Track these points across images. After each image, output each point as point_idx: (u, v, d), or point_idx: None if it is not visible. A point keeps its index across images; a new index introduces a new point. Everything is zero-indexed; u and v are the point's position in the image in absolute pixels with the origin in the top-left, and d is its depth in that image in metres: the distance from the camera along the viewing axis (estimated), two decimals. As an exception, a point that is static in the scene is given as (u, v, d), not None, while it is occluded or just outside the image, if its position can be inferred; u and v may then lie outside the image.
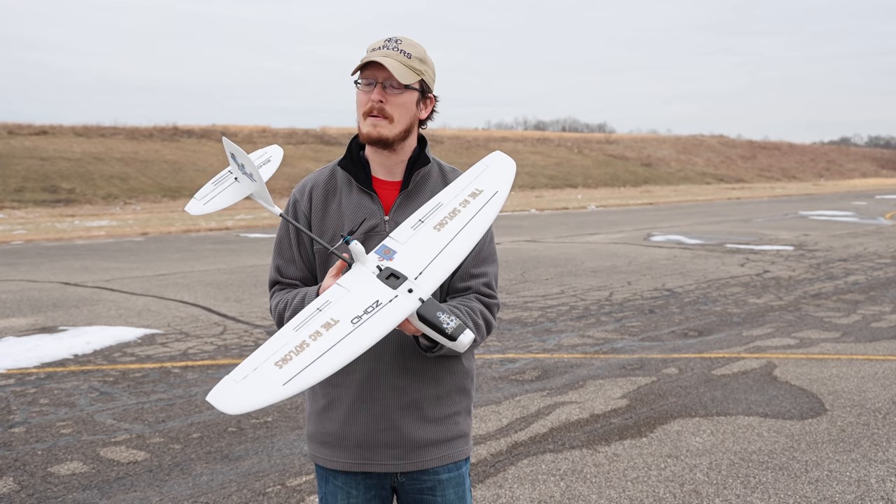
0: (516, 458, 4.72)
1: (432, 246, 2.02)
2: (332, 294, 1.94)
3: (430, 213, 2.08)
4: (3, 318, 8.94)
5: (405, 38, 2.21)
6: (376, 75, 2.16)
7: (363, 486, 2.28)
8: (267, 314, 9.07)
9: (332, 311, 1.90)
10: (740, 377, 6.39)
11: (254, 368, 1.80)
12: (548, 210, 30.39)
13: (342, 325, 1.87)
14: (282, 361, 1.80)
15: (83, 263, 14.04)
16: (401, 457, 2.23)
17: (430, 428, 2.24)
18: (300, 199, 2.30)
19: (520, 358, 7.06)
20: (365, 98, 2.18)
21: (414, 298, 1.93)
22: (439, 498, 2.28)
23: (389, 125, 2.18)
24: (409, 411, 2.22)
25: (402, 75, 2.14)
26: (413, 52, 2.18)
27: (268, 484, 4.38)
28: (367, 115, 2.17)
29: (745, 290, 10.60)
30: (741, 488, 4.29)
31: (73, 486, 4.34)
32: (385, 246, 2.03)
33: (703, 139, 74.81)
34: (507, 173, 2.18)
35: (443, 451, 2.27)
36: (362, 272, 1.98)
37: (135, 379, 6.42)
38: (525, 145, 57.98)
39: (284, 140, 46.33)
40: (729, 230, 19.98)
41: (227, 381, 1.78)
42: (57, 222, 24.08)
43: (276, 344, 1.84)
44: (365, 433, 2.22)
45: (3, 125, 38.22)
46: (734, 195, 42.25)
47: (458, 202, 2.10)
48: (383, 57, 2.14)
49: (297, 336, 1.85)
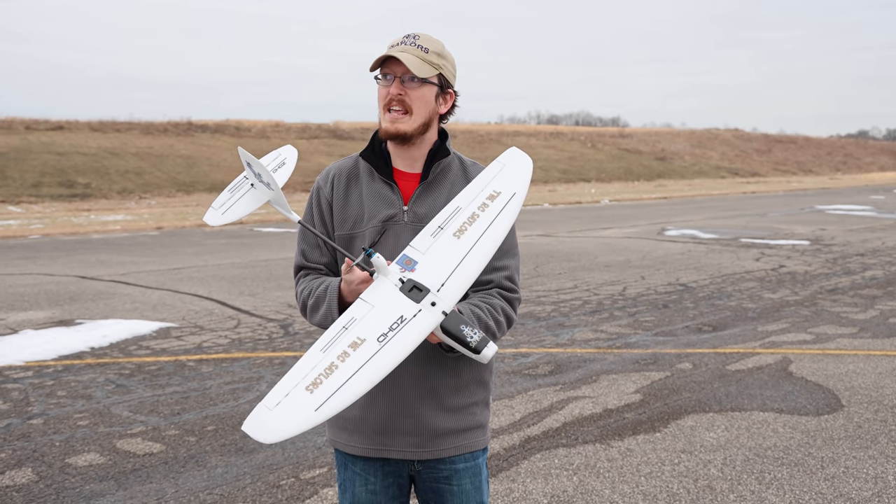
0: (529, 452, 4.72)
1: (453, 255, 2.02)
2: (357, 310, 1.95)
3: (449, 219, 2.07)
4: (21, 312, 9.01)
5: (424, 34, 2.23)
6: (394, 70, 2.19)
7: (381, 473, 2.31)
8: (280, 307, 9.10)
9: (358, 329, 1.90)
10: (755, 372, 6.36)
11: (285, 394, 1.80)
12: (561, 204, 30.33)
13: (369, 343, 1.87)
14: (312, 386, 1.81)
15: (99, 257, 14.13)
16: (418, 444, 2.26)
17: (447, 417, 2.27)
18: (323, 186, 2.35)
19: (533, 352, 7.05)
20: (384, 92, 2.21)
21: (437, 312, 1.93)
22: (455, 487, 2.31)
23: (408, 119, 2.20)
24: (428, 399, 2.25)
25: (418, 69, 2.16)
26: (431, 46, 2.21)
27: (282, 476, 4.40)
28: (387, 108, 2.21)
29: (760, 284, 10.55)
30: (756, 484, 4.27)
31: (90, 478, 4.38)
32: (406, 256, 2.04)
33: (718, 133, 74.42)
34: (525, 171, 2.18)
35: (459, 441, 2.29)
36: (385, 285, 1.98)
37: (150, 372, 6.47)
38: (538, 139, 57.86)
39: (297, 135, 46.42)
40: (744, 224, 19.88)
41: (260, 409, 1.80)
42: (73, 217, 24.24)
43: (305, 367, 1.85)
44: (384, 419, 2.25)
45: (20, 121, 38.50)
46: (749, 189, 42.02)
47: (476, 206, 2.09)
48: (399, 52, 2.17)
49: (325, 358, 1.86)
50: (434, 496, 2.33)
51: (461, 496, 2.32)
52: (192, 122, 44.83)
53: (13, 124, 37.65)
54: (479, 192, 2.12)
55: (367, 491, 2.32)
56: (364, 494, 2.32)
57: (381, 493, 2.32)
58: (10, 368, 6.61)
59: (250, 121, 49.23)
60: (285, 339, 7.63)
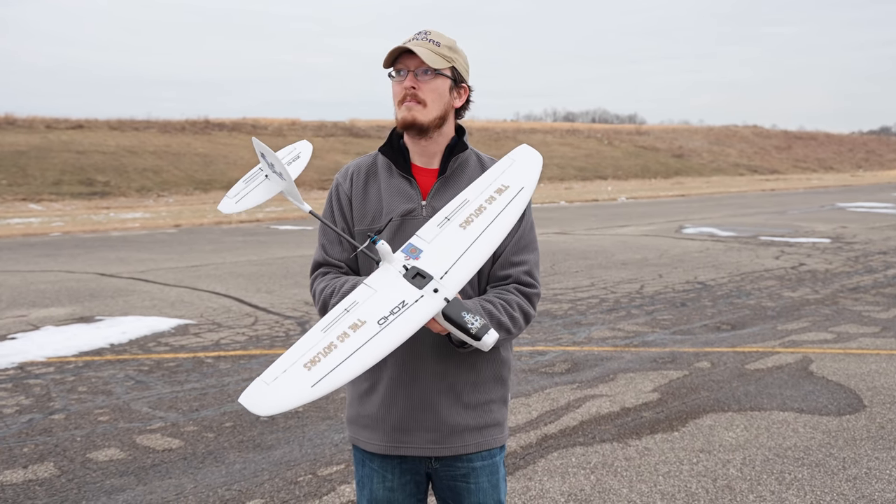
0: (546, 450, 4.71)
1: (458, 244, 2.04)
2: (360, 294, 1.98)
3: (456, 211, 2.10)
4: (42, 308, 9.09)
5: (434, 30, 2.26)
6: (407, 64, 2.21)
7: (398, 471, 2.32)
8: (297, 305, 9.13)
9: (360, 311, 1.93)
10: (775, 372, 6.32)
11: (283, 370, 1.84)
12: (577, 202, 30.25)
13: (369, 326, 1.90)
14: (310, 363, 1.84)
15: (118, 255, 14.23)
16: (437, 441, 2.26)
17: (465, 414, 2.27)
18: (342, 183, 2.36)
19: (549, 350, 7.04)
20: (399, 88, 2.23)
21: (439, 298, 1.95)
22: (473, 485, 2.31)
23: (423, 110, 2.21)
24: (447, 396, 2.25)
25: (431, 60, 2.18)
26: (442, 41, 2.24)
27: (299, 473, 4.41)
28: (402, 102, 2.22)
29: (779, 283, 10.48)
30: (776, 485, 4.25)
31: (110, 472, 4.41)
32: (412, 245, 2.06)
33: (737, 130, 73.95)
34: (534, 167, 2.20)
35: (477, 438, 2.30)
36: (389, 272, 2.01)
37: (169, 368, 6.50)
38: (554, 137, 57.71)
39: (313, 133, 46.53)
40: (763, 222, 19.75)
41: (257, 384, 1.83)
42: (93, 214, 24.42)
43: (305, 345, 1.88)
44: (402, 416, 2.26)
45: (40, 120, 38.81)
46: (768, 186, 41.74)
47: (484, 199, 2.12)
48: (411, 45, 2.19)
49: (325, 337, 1.89)
50: (451, 494, 2.33)
51: (478, 494, 2.32)
52: (210, 120, 45.02)
53: (34, 123, 37.97)
54: (488, 185, 2.15)
55: (384, 488, 2.33)
56: (382, 492, 2.33)
57: (398, 491, 2.33)
58: (32, 364, 6.67)
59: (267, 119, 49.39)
60: (302, 336, 7.64)
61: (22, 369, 6.51)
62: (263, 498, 4.11)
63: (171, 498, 4.11)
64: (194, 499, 4.10)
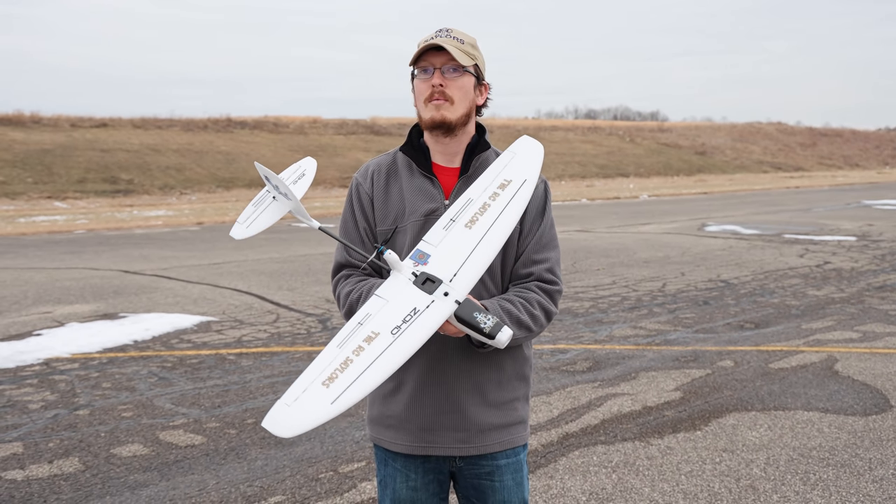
0: (567, 449, 4.69)
1: (465, 245, 2.04)
2: (372, 306, 1.98)
3: (460, 211, 2.10)
4: (67, 305, 9.18)
5: (455, 28, 2.25)
6: (433, 62, 2.19)
7: (422, 470, 2.31)
8: (319, 302, 9.16)
9: (372, 323, 1.94)
10: (799, 371, 6.26)
11: (303, 390, 1.85)
12: (599, 200, 30.13)
13: (382, 337, 1.91)
14: (328, 380, 1.85)
15: (142, 252, 14.34)
16: (464, 440, 2.26)
17: (491, 412, 2.27)
18: (363, 182, 2.34)
19: (571, 349, 7.01)
20: (424, 86, 2.21)
21: (450, 301, 1.96)
22: (497, 483, 2.30)
23: (451, 107, 2.20)
24: (473, 394, 2.25)
25: (460, 57, 2.17)
26: (465, 38, 2.23)
27: (320, 470, 4.42)
28: (429, 100, 2.20)
29: (804, 281, 10.38)
30: (800, 485, 4.20)
31: (134, 468, 4.45)
32: (419, 250, 2.06)
33: (760, 126, 73.31)
34: (535, 158, 2.19)
35: (503, 436, 2.29)
36: (399, 280, 2.02)
37: (191, 365, 6.55)
38: (576, 134, 57.50)
39: (335, 130, 46.64)
40: (787, 220, 19.58)
41: (279, 406, 1.84)
42: (117, 212, 24.63)
43: (322, 363, 1.89)
44: (429, 415, 2.25)
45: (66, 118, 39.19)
46: (793, 184, 41.37)
47: (487, 196, 2.11)
48: (440, 41, 2.17)
49: (340, 353, 1.90)
50: (475, 493, 2.32)
51: (503, 492, 2.31)
52: (232, 118, 45.26)
53: (59, 122, 38.35)
54: (491, 182, 2.14)
55: (407, 488, 2.32)
56: (405, 491, 2.32)
57: (421, 490, 2.32)
58: (58, 360, 6.73)
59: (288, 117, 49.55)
60: (323, 333, 7.68)
61: (47, 365, 6.58)
62: (285, 494, 4.13)
63: (193, 494, 4.14)
64: (216, 495, 4.13)
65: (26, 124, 36.88)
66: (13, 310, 8.93)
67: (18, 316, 8.59)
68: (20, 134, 35.05)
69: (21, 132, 35.38)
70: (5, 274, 11.69)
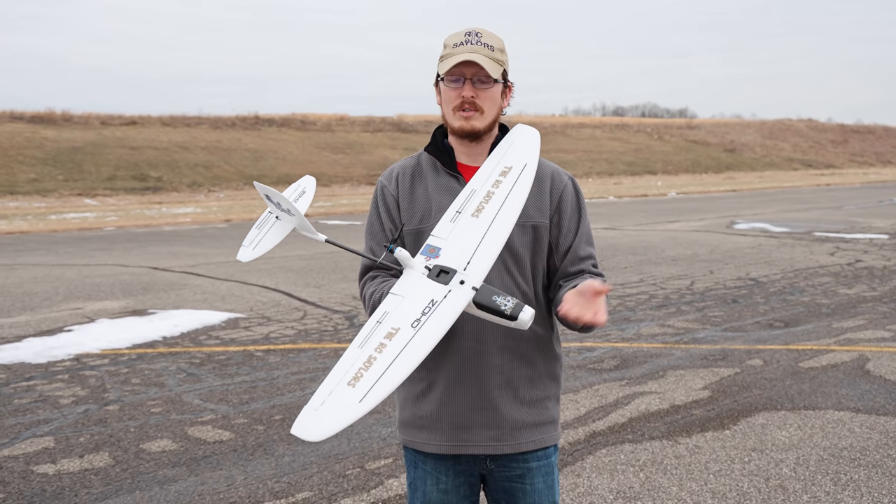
0: (594, 447, 4.67)
1: (474, 233, 2.05)
2: (389, 304, 1.98)
3: (466, 202, 2.11)
4: (97, 301, 9.29)
5: (483, 29, 2.24)
6: (464, 71, 2.19)
7: (452, 472, 2.30)
8: (346, 299, 9.19)
9: (392, 320, 1.93)
10: (830, 370, 6.19)
11: (329, 392, 1.84)
12: (626, 197, 29.96)
13: (403, 331, 1.90)
14: (353, 380, 1.84)
15: (170, 249, 14.48)
16: (497, 438, 2.24)
17: (523, 410, 2.27)
18: (387, 184, 2.35)
19: (598, 347, 6.98)
20: (454, 94, 2.21)
21: (467, 289, 1.95)
22: (528, 486, 2.29)
23: (481, 117, 2.22)
24: (505, 391, 2.24)
25: (492, 70, 2.18)
26: (494, 43, 2.22)
27: (347, 466, 4.44)
28: (458, 109, 2.21)
29: (835, 280, 10.26)
30: (831, 485, 4.15)
31: (163, 463, 4.49)
32: (429, 245, 2.07)
33: (791, 123, 72.50)
34: (533, 143, 2.21)
35: (535, 435, 2.28)
36: (412, 276, 2.01)
37: (219, 361, 6.60)
38: (603, 131, 57.21)
39: (362, 128, 46.76)
40: (818, 218, 19.35)
41: (306, 411, 1.82)
42: (146, 209, 24.89)
43: (345, 364, 1.88)
44: (462, 413, 2.24)
45: (96, 116, 39.65)
46: (823, 181, 40.89)
47: (490, 184, 2.12)
48: (470, 53, 2.17)
49: (363, 353, 1.89)
50: (505, 495, 2.31)
51: (534, 495, 2.29)
52: (259, 116, 45.54)
53: (89, 120, 38.81)
54: (492, 171, 2.16)
55: (438, 490, 2.30)
56: (435, 493, 2.31)
57: (452, 493, 2.31)
58: (88, 356, 6.82)
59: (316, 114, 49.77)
60: (350, 330, 7.70)
61: (78, 361, 6.66)
62: (312, 491, 4.15)
63: (221, 489, 4.17)
64: (244, 490, 4.15)
65: (57, 122, 37.37)
66: (45, 305, 9.05)
67: (50, 312, 8.71)
68: (51, 132, 35.53)
69: (52, 130, 35.86)
70: (37, 270, 11.86)
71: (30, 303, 9.23)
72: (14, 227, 18.97)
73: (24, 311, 8.78)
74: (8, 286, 10.38)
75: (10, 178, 29.87)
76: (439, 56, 2.26)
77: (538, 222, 2.25)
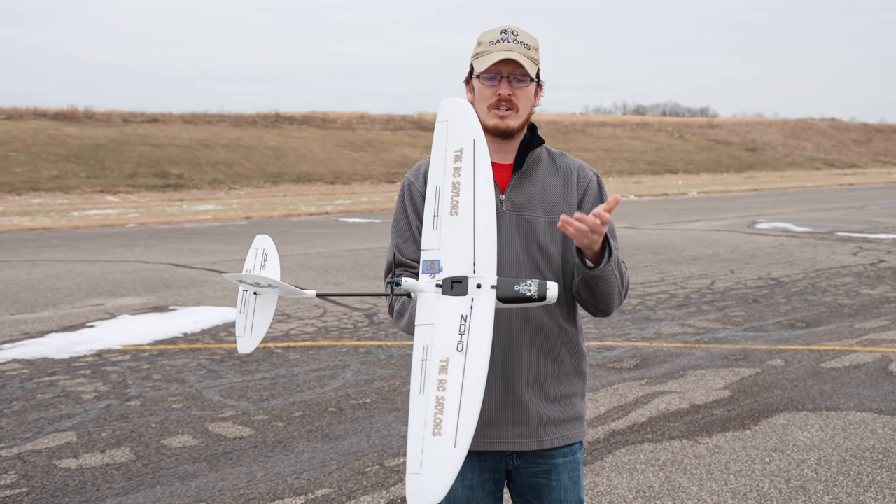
0: (614, 446, 4.66)
1: (463, 231, 1.98)
2: (423, 337, 1.93)
3: (437, 203, 2.03)
4: (119, 298, 9.37)
5: (518, 28, 2.23)
6: (501, 70, 2.18)
7: (478, 469, 2.29)
8: (366, 297, 9.21)
9: (436, 353, 1.89)
10: (852, 371, 6.13)
11: (421, 451, 1.81)
12: (647, 196, 29.83)
13: (454, 359, 1.86)
14: (436, 428, 1.80)
15: (191, 246, 14.57)
16: (525, 434, 2.24)
17: (550, 406, 2.26)
18: (415, 181, 2.33)
19: (618, 346, 6.96)
20: (489, 92, 2.20)
21: (487, 289, 1.92)
22: (554, 482, 2.28)
23: (516, 115, 2.21)
24: (533, 388, 2.24)
25: (530, 68, 2.18)
26: (530, 42, 2.22)
27: (367, 464, 4.45)
28: (493, 108, 2.20)
29: (857, 280, 10.16)
30: (853, 486, 4.12)
31: (183, 459, 4.52)
32: (427, 261, 2.01)
33: (813, 122, 71.89)
34: (470, 117, 2.07)
35: (562, 431, 2.28)
36: (428, 299, 1.96)
37: (240, 358, 6.63)
38: (624, 130, 56.98)
39: (382, 126, 46.84)
40: (840, 217, 19.18)
41: (412, 479, 1.80)
42: (167, 206, 25.07)
43: (418, 415, 1.85)
44: (490, 410, 2.22)
45: (118, 113, 39.98)
46: (846, 181, 40.52)
47: (451, 175, 2.04)
48: (508, 52, 2.16)
49: (428, 398, 1.85)
50: (531, 491, 2.30)
51: (559, 491, 2.29)
52: (280, 113, 45.74)
53: (111, 117, 39.14)
54: (444, 160, 2.06)
55: (463, 486, 2.29)
56: (460, 490, 2.30)
57: (477, 489, 2.30)
58: (109, 352, 6.88)
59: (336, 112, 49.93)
60: (370, 328, 7.72)
61: (100, 356, 6.72)
62: (332, 487, 4.16)
63: (241, 485, 4.19)
64: (264, 486, 4.18)
65: (80, 119, 37.72)
66: (67, 301, 9.14)
67: (72, 308, 8.79)
68: (74, 129, 35.86)
69: (75, 127, 36.19)
70: (60, 266, 11.97)
71: (52, 298, 9.32)
72: (37, 224, 19.17)
73: (47, 306, 8.87)
74: (31, 282, 10.49)
75: (34, 174, 30.19)
76: (473, 53, 2.24)
77: None
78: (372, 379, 6.01)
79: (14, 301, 9.18)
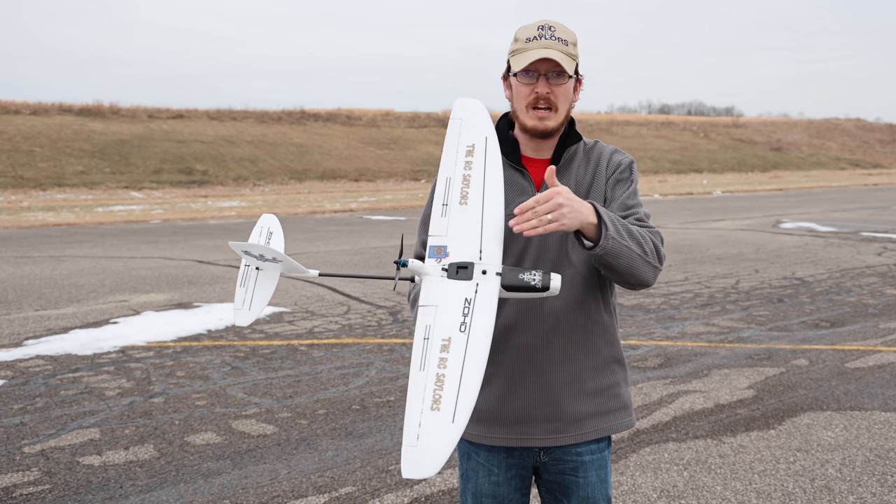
0: (638, 445, 4.64)
1: (471, 220, 2.01)
2: (426, 317, 1.94)
3: (447, 193, 2.06)
4: (143, 294, 9.45)
5: (556, 22, 2.18)
6: (538, 67, 2.14)
7: (505, 465, 2.28)
8: (390, 295, 9.23)
9: (438, 332, 1.90)
10: (876, 371, 6.07)
11: (419, 425, 1.81)
12: (672, 195, 29.65)
13: (456, 339, 1.87)
14: (434, 403, 1.81)
15: (215, 242, 14.66)
16: (558, 430, 2.22)
17: (586, 401, 2.23)
18: None
19: (642, 345, 6.93)
20: (527, 90, 2.17)
21: (492, 276, 1.93)
22: (581, 479, 2.26)
23: (554, 115, 2.17)
24: (570, 385, 2.21)
25: (568, 66, 2.13)
26: (568, 38, 2.17)
27: (390, 462, 4.46)
28: (531, 107, 2.17)
29: (882, 280, 10.05)
30: (877, 486, 4.08)
31: (207, 456, 4.55)
32: (434, 246, 2.02)
33: (838, 122, 71.14)
34: (482, 114, 2.13)
35: (599, 423, 2.25)
36: (434, 282, 1.98)
37: (264, 355, 6.67)
38: (649, 129, 56.66)
39: (407, 123, 46.88)
40: (865, 217, 18.97)
41: (407, 450, 1.80)
42: (191, 203, 25.24)
43: (417, 391, 1.85)
44: (524, 408, 2.21)
45: (143, 109, 40.31)
46: (871, 181, 40.06)
47: (462, 168, 2.07)
48: (546, 49, 2.12)
49: (428, 374, 1.86)
50: (559, 488, 2.29)
51: (587, 488, 2.27)
52: (305, 110, 45.89)
53: (137, 113, 39.47)
54: (456, 154, 2.10)
55: (490, 482, 2.29)
56: (487, 485, 2.29)
57: (504, 485, 2.29)
58: (133, 348, 6.94)
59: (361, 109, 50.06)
60: (394, 325, 7.74)
61: (123, 353, 6.78)
62: (355, 486, 4.18)
63: (265, 483, 4.22)
64: (288, 484, 4.20)
65: (105, 115, 38.07)
66: (91, 297, 9.23)
67: (96, 304, 8.87)
68: (99, 124, 36.20)
69: (100, 123, 36.53)
70: (84, 262, 12.09)
71: (76, 294, 9.42)
72: (61, 219, 19.37)
73: (71, 302, 8.96)
74: (55, 278, 10.61)
75: (59, 170, 30.51)
76: (510, 50, 2.20)
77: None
78: (396, 377, 6.02)
79: (38, 297, 9.29)
